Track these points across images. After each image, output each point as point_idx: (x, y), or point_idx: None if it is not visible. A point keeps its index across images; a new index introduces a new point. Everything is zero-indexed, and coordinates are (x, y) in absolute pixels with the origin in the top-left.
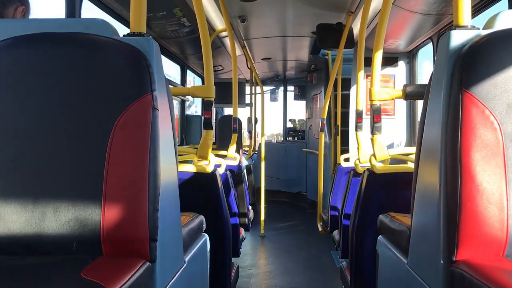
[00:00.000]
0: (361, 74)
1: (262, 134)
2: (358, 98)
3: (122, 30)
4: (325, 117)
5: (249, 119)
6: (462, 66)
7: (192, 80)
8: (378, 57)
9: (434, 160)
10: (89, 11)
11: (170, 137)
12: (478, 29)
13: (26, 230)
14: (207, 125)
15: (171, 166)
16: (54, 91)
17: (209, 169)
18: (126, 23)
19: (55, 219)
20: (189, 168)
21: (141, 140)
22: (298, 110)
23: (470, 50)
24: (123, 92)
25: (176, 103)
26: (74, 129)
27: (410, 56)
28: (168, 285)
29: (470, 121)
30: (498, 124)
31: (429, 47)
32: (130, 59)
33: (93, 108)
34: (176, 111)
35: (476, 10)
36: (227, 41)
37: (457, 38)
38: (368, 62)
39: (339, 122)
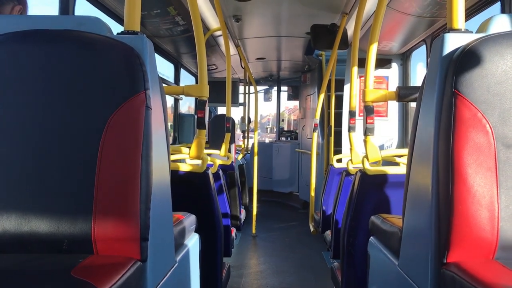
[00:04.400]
0: (355, 75)
1: (255, 130)
2: (351, 99)
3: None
4: (318, 117)
5: (243, 119)
6: (455, 69)
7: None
8: (371, 58)
9: (427, 162)
10: (83, 8)
11: (162, 136)
12: (472, 32)
13: (16, 228)
14: (200, 124)
15: (163, 165)
16: (46, 89)
17: (202, 168)
18: (120, 21)
19: (46, 217)
20: (182, 167)
21: (133, 138)
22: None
23: (464, 53)
24: (116, 90)
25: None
26: (65, 127)
27: (404, 58)
28: (159, 285)
29: (462, 124)
30: (490, 127)
31: (423, 49)
32: (123, 57)
33: (85, 106)
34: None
35: (469, 14)
36: (222, 40)
37: (451, 41)
38: (362, 64)
39: (332, 123)
